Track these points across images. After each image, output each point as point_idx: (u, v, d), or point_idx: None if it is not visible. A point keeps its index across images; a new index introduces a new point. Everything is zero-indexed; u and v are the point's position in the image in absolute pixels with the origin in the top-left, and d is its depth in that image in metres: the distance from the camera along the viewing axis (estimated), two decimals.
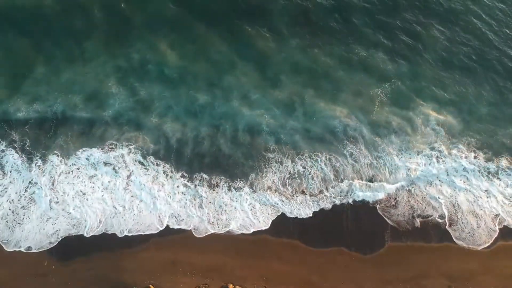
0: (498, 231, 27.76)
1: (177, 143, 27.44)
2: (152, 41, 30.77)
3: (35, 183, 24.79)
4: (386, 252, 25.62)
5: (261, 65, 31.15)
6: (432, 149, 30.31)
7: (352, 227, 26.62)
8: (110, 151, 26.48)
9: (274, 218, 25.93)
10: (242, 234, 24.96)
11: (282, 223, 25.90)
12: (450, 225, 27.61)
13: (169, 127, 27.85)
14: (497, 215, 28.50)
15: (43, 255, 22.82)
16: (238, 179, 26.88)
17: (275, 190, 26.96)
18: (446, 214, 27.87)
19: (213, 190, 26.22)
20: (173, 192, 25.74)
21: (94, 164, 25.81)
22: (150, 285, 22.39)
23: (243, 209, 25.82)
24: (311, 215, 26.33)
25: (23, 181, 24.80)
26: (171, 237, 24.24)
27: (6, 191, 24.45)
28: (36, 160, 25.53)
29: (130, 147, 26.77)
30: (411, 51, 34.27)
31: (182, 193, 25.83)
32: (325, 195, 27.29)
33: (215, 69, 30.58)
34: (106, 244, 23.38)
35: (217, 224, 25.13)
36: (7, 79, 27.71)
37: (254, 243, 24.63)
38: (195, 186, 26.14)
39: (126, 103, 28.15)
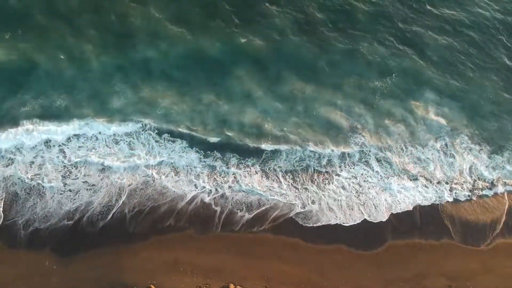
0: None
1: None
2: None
3: (41, 157, 24.60)
4: (386, 251, 25.70)
5: (262, 62, 30.66)
6: (437, 140, 30.58)
7: (352, 224, 26.73)
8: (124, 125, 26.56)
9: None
10: (243, 233, 24.98)
11: (283, 221, 25.97)
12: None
13: None
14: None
15: (44, 255, 22.74)
16: (250, 158, 27.31)
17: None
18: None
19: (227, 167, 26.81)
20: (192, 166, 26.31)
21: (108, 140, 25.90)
22: (151, 285, 22.44)
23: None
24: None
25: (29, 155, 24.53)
26: (172, 236, 24.17)
27: (14, 162, 24.24)
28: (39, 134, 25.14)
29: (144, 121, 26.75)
30: (412, 47, 34.03)
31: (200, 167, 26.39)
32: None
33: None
34: (107, 244, 23.30)
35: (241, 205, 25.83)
36: (10, 78, 26.84)
37: (255, 243, 24.64)
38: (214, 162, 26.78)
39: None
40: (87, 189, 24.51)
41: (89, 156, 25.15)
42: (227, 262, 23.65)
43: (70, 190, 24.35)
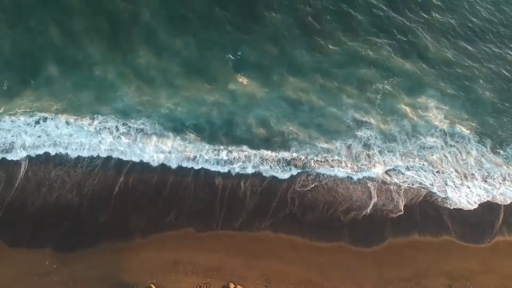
0: None
1: None
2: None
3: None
4: (386, 250, 25.73)
5: (265, 63, 30.19)
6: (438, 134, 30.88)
7: (351, 222, 26.68)
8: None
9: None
10: (243, 232, 24.90)
11: (283, 217, 25.92)
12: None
13: None
14: None
15: (44, 254, 22.65)
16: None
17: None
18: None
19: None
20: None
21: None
22: (152, 285, 22.45)
23: None
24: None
25: None
26: (172, 235, 24.08)
27: None
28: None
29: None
30: (415, 48, 33.79)
31: None
32: None
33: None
34: (107, 243, 23.24)
35: None
36: (12, 80, 26.24)
37: (255, 242, 24.60)
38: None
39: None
40: None
41: None
42: (227, 262, 23.62)
43: None
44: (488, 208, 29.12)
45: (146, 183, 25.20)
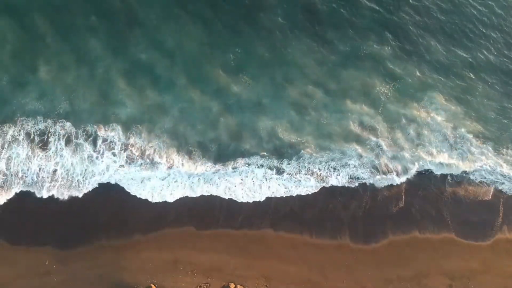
0: None
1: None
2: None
3: None
4: (387, 249, 25.70)
5: (267, 67, 29.80)
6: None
7: (351, 220, 26.64)
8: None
9: None
10: (243, 230, 24.84)
11: (283, 215, 25.91)
12: None
13: None
14: None
15: (44, 254, 22.61)
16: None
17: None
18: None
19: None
20: None
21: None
22: (152, 285, 22.45)
23: None
24: None
25: None
26: (172, 233, 24.01)
27: None
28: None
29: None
30: (417, 50, 33.49)
31: None
32: None
33: None
34: (107, 243, 23.18)
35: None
36: (11, 80, 25.60)
37: (255, 241, 24.55)
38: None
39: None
40: None
41: None
42: (227, 261, 23.59)
43: None
44: (488, 206, 29.06)
45: None
